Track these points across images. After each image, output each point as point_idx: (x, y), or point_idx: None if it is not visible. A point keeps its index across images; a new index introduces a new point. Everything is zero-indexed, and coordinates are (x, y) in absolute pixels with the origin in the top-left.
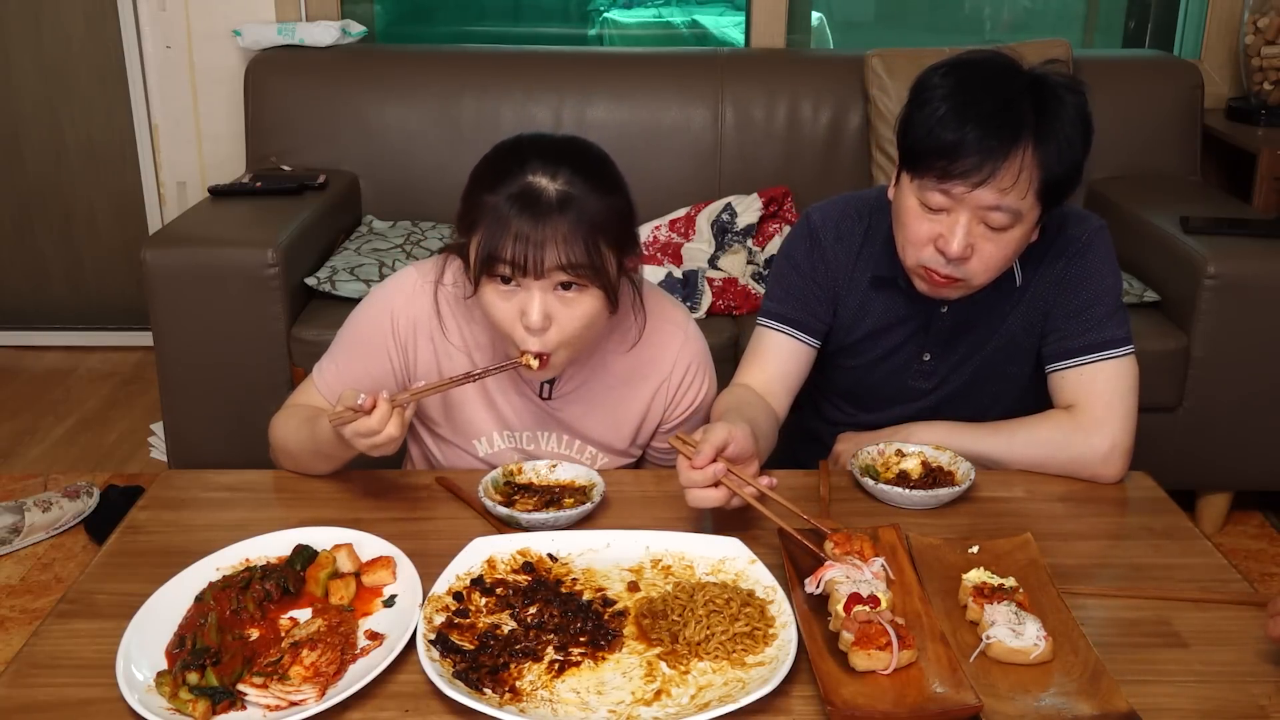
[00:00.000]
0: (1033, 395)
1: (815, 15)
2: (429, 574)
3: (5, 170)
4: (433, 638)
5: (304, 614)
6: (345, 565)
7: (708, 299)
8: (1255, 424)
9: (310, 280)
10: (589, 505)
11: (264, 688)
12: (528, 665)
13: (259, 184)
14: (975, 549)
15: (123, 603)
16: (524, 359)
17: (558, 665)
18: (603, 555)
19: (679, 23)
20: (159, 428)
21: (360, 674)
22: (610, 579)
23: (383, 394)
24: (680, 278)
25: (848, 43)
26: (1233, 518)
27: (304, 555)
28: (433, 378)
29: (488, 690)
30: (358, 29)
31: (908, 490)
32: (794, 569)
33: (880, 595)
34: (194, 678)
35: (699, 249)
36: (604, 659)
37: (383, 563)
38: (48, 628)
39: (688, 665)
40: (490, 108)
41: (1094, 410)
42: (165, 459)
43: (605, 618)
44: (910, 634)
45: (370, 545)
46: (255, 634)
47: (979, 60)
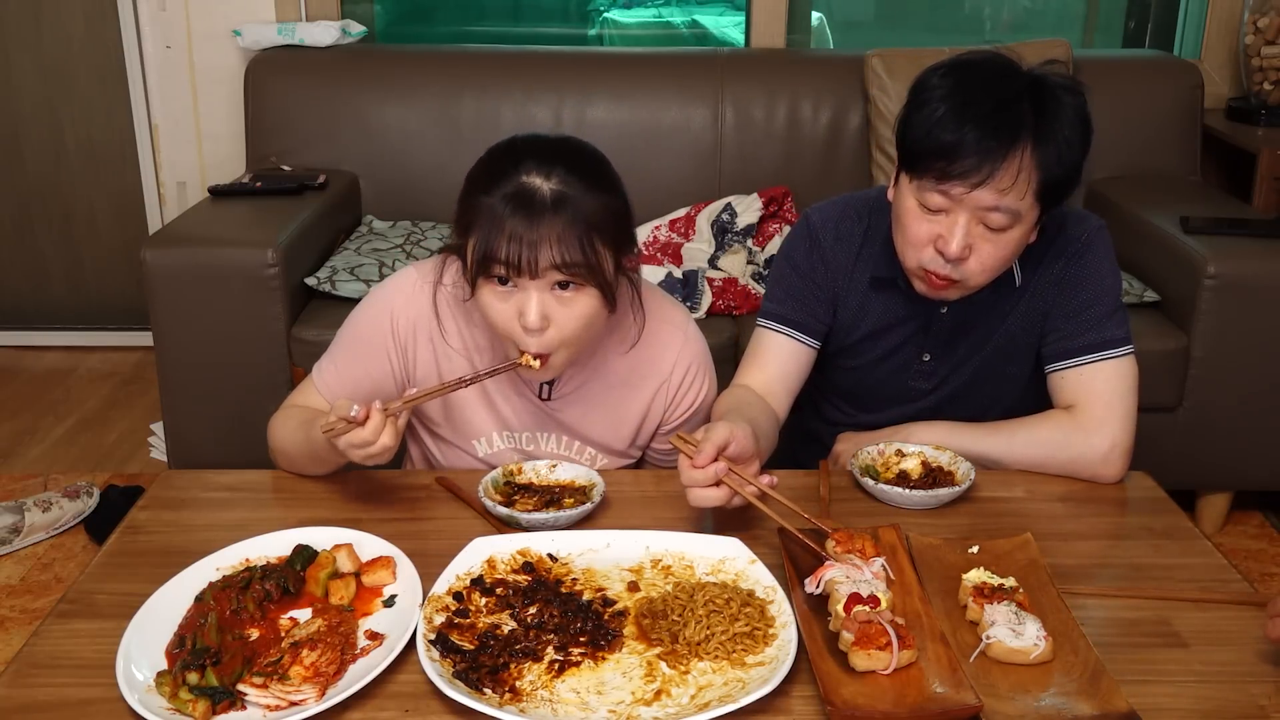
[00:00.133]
0: (1033, 395)
1: (815, 15)
2: (429, 574)
3: (5, 170)
4: (433, 638)
5: (304, 614)
6: (345, 565)
7: (708, 299)
8: (1255, 424)
9: (310, 280)
10: (589, 505)
11: (264, 688)
12: (528, 665)
13: (259, 184)
14: (975, 549)
15: (123, 603)
16: (524, 359)
17: (558, 665)
18: (603, 555)
19: (679, 23)
20: (159, 428)
21: (360, 674)
22: (610, 579)
23: (375, 404)
24: (680, 278)
25: (848, 43)
26: (1233, 518)
27: (304, 555)
28: (432, 378)
29: (488, 690)
30: (358, 29)
31: (908, 490)
32: (794, 569)
33: (880, 595)
34: (194, 678)
35: (699, 249)
36: (604, 659)
37: (383, 563)
38: (48, 628)
39: (688, 665)
40: (490, 108)
41: (1094, 410)
42: (165, 459)
43: (605, 618)
44: (910, 634)
45: (370, 545)
46: (255, 634)
47: (978, 61)
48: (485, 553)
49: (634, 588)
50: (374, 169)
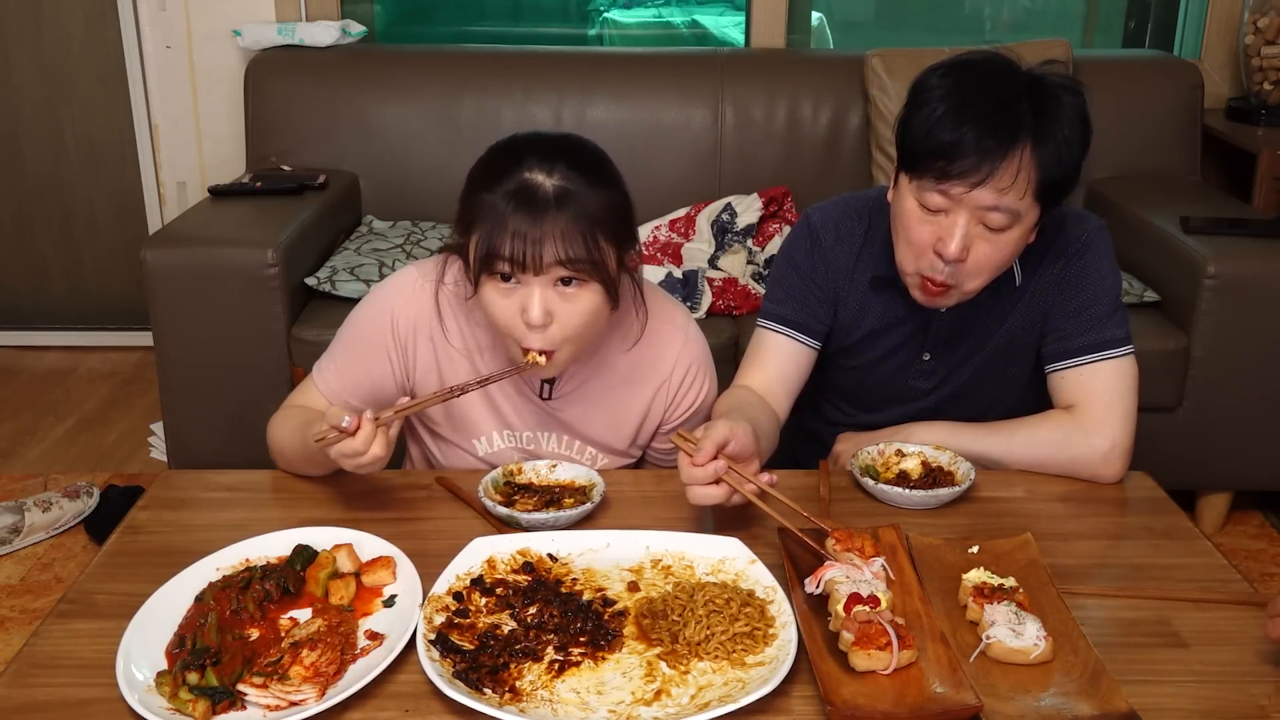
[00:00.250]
0: (1033, 395)
1: (815, 15)
2: (429, 574)
3: (5, 170)
4: (433, 638)
5: (304, 614)
6: (345, 565)
7: (708, 299)
8: (1255, 424)
9: (310, 280)
10: (589, 505)
11: (264, 688)
12: (528, 665)
13: (259, 184)
14: (975, 549)
15: (123, 603)
16: (530, 357)
17: (558, 665)
18: (603, 555)
19: (679, 23)
20: (159, 428)
21: (360, 674)
22: (610, 579)
23: (366, 414)
24: (680, 278)
25: (848, 43)
26: (1233, 518)
27: (304, 555)
28: (432, 378)
29: (488, 690)
30: (358, 29)
31: (908, 490)
32: (794, 569)
33: (880, 595)
34: (194, 678)
35: (699, 249)
36: (604, 659)
37: (383, 563)
38: (48, 628)
39: (688, 665)
40: (490, 108)
41: (1094, 410)
42: (165, 459)
43: (605, 618)
44: (910, 634)
45: (370, 545)
46: (255, 634)
47: (977, 61)
48: (485, 553)
49: (634, 588)
50: (374, 169)
